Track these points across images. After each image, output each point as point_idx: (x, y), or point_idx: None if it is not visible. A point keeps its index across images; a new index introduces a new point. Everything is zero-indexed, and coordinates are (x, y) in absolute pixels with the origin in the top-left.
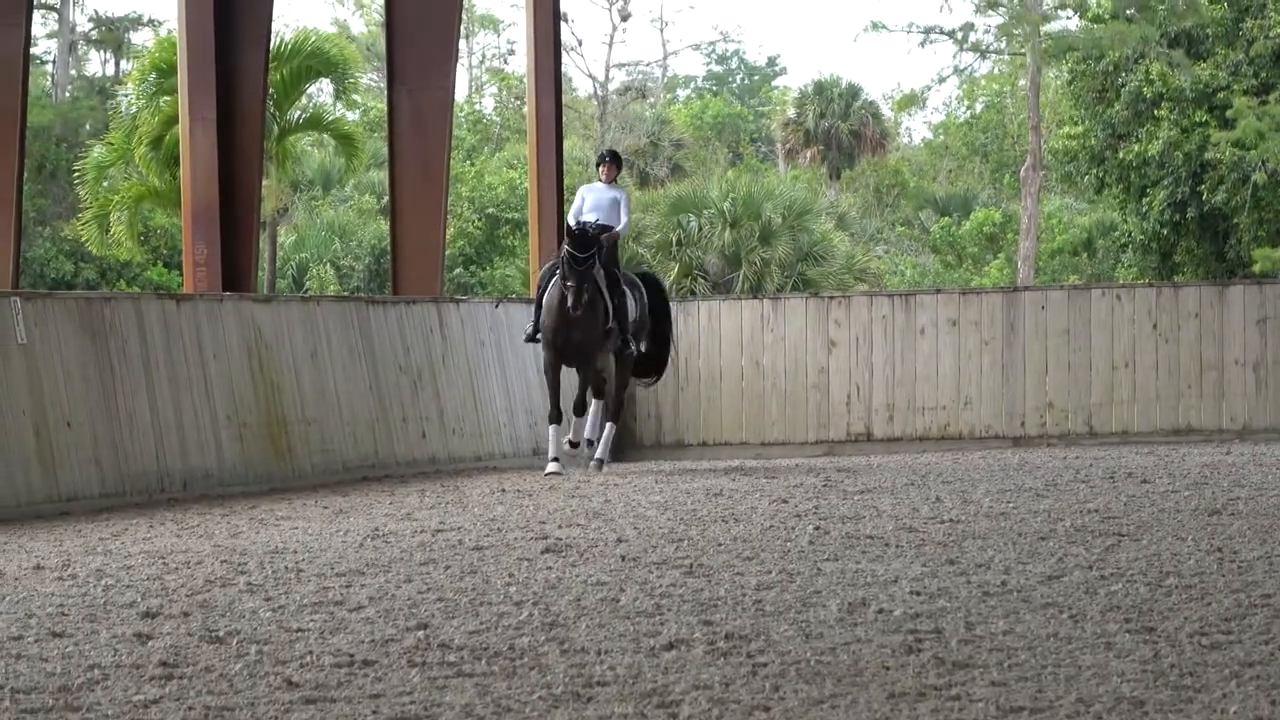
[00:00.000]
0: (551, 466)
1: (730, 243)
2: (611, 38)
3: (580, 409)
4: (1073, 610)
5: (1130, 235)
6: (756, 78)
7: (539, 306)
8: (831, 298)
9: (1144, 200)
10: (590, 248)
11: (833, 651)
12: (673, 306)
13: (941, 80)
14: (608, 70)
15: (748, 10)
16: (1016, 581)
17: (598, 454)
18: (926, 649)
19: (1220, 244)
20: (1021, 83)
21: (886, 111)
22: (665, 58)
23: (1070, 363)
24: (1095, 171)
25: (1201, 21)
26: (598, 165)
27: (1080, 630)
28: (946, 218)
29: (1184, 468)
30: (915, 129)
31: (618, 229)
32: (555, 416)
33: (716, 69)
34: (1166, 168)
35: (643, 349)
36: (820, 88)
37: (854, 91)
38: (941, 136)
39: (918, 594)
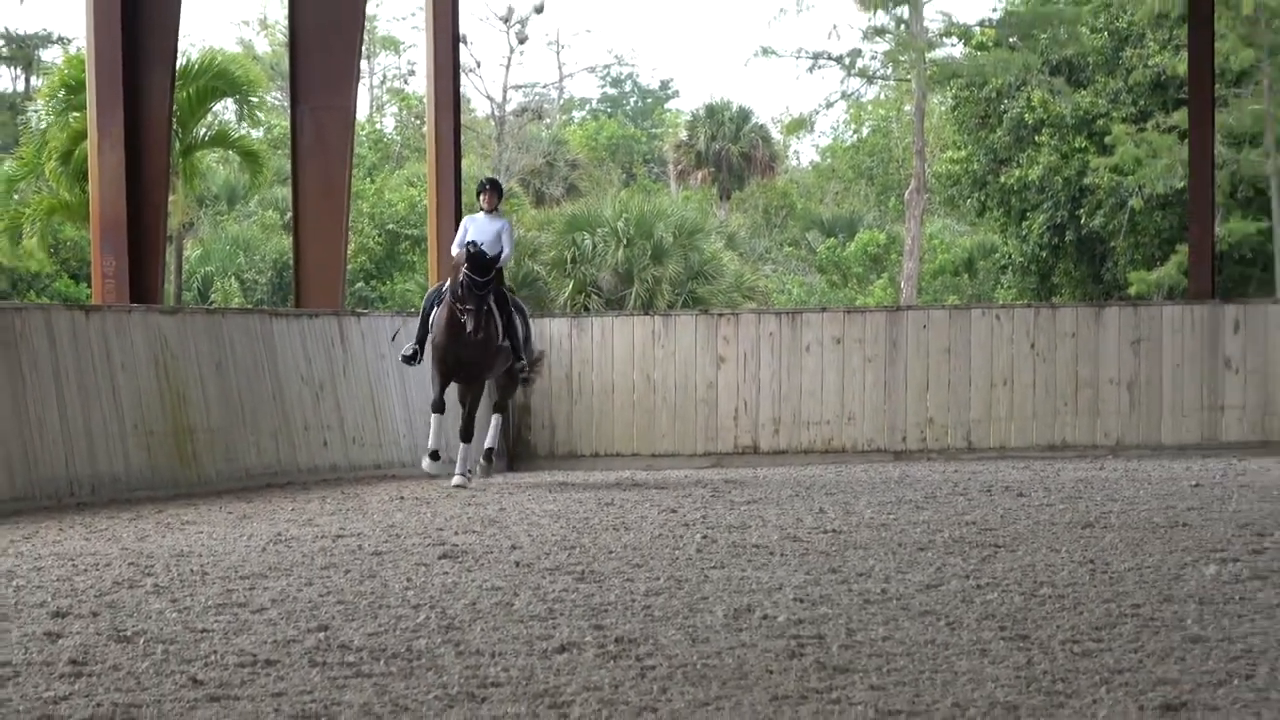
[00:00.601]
0: (427, 464)
1: (623, 261)
2: (509, 60)
3: (467, 435)
4: (950, 618)
5: (1010, 257)
6: (650, 100)
7: (424, 328)
8: (720, 315)
9: (1024, 223)
10: (489, 272)
11: (718, 655)
12: (567, 322)
13: (829, 105)
14: (505, 91)
15: (642, 35)
16: (896, 590)
17: (486, 443)
18: (809, 654)
19: (1097, 267)
20: (907, 108)
21: (776, 135)
22: (561, 80)
23: (950, 380)
24: (977, 195)
25: (1082, 50)
26: (478, 194)
27: (957, 637)
28: (832, 238)
29: (1059, 482)
30: (803, 152)
31: (501, 258)
32: (439, 406)
33: (611, 92)
34: (1046, 192)
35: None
36: (711, 111)
37: (744, 115)
38: (829, 160)
39: (801, 601)
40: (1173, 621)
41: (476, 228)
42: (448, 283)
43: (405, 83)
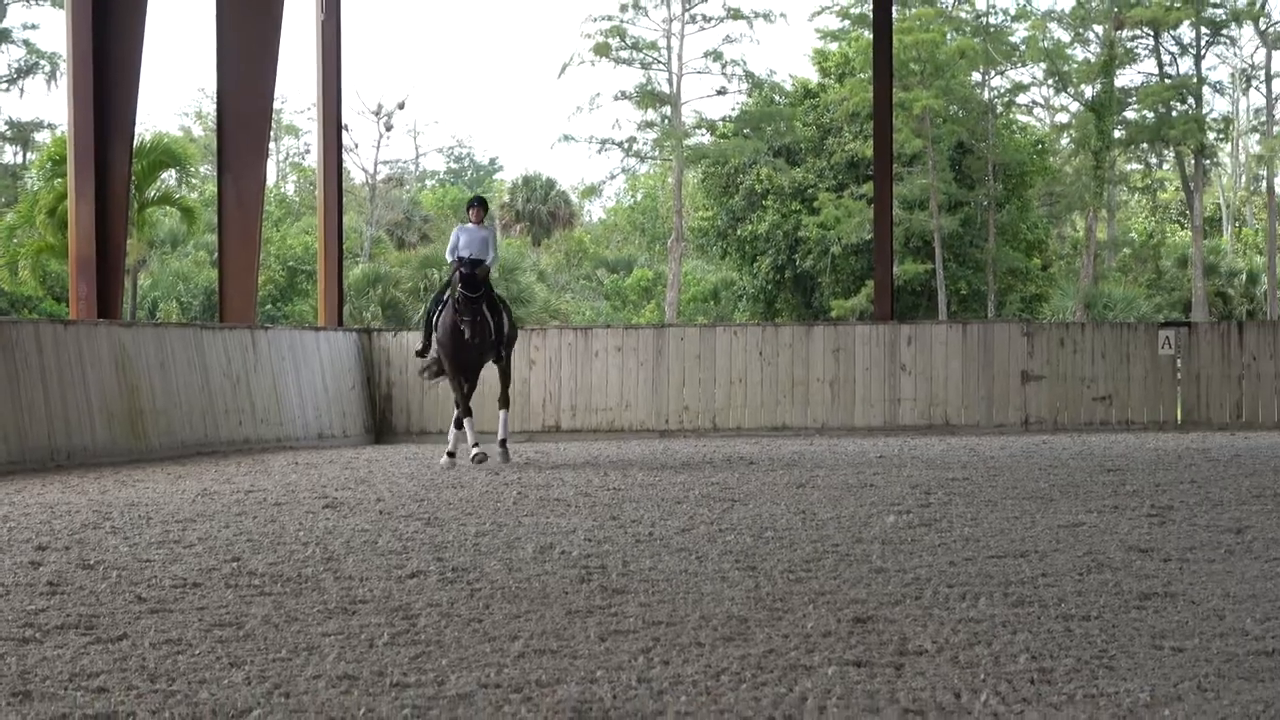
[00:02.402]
0: (445, 461)
1: None
2: (379, 142)
3: (468, 413)
4: (698, 553)
5: (744, 289)
6: (482, 172)
7: (428, 329)
8: (533, 330)
9: (754, 264)
10: (480, 288)
11: (528, 581)
12: (419, 335)
13: (613, 176)
14: (376, 165)
15: (477, 124)
16: (659, 532)
17: (500, 436)
18: (594, 580)
19: (809, 296)
20: (669, 179)
21: (574, 198)
22: (417, 157)
23: (701, 378)
24: (720, 243)
25: (797, 139)
26: (468, 209)
27: (704, 567)
28: (615, 274)
29: (780, 454)
30: (594, 211)
31: (487, 261)
32: (465, 415)
33: (454, 165)
34: (771, 241)
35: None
36: (527, 180)
37: (551, 183)
38: (612, 217)
39: (589, 540)
40: (862, 556)
41: (467, 236)
42: (448, 289)
43: (302, 158)
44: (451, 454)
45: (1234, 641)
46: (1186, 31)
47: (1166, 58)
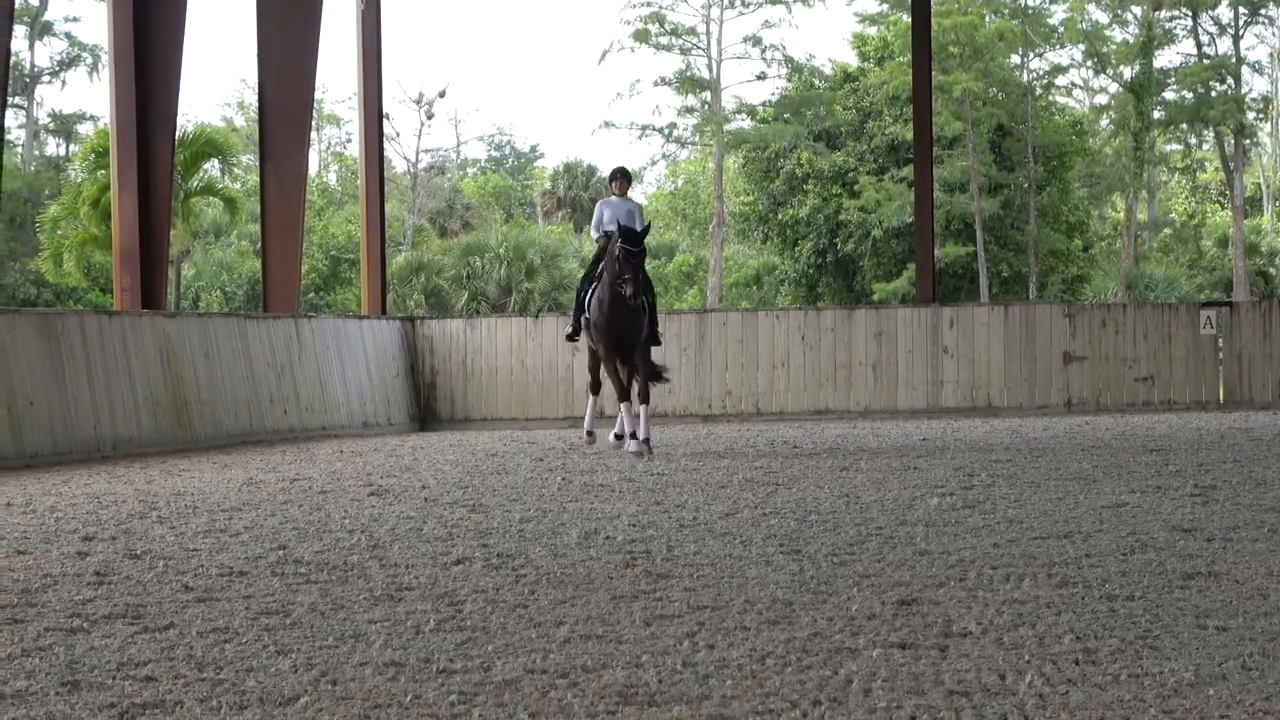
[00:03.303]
0: (584, 439)
1: (504, 277)
2: (420, 131)
3: (645, 396)
4: (742, 537)
5: (786, 273)
6: (523, 159)
7: (579, 310)
8: None
9: (796, 249)
10: (640, 241)
11: (573, 566)
12: (463, 322)
13: (654, 162)
14: (417, 154)
15: (518, 111)
16: (704, 517)
17: (642, 436)
18: (639, 565)
19: (850, 280)
20: (710, 164)
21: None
22: (459, 145)
23: (743, 363)
24: (761, 228)
25: (837, 123)
26: (611, 181)
27: (748, 551)
28: (657, 260)
29: (823, 438)
30: (635, 197)
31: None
32: (596, 388)
33: (495, 154)
34: (812, 226)
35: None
36: (568, 167)
37: (592, 170)
38: (654, 203)
39: (634, 525)
40: (906, 539)
41: (611, 210)
42: (600, 268)
43: (344, 147)
44: (620, 435)
45: (1278, 620)
46: (1225, 11)
47: (1205, 38)
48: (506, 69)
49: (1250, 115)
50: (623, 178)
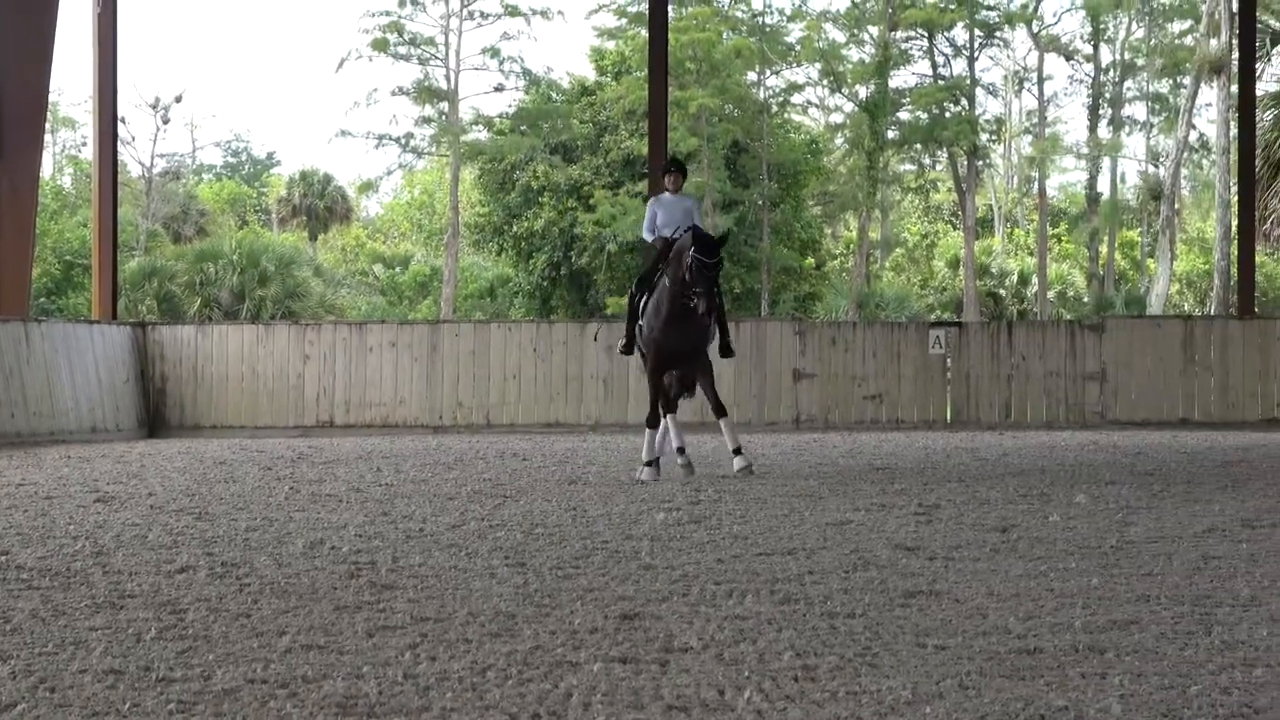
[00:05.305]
0: (646, 473)
1: (237, 284)
2: (156, 135)
3: (720, 410)
4: (468, 549)
5: (521, 285)
6: (259, 166)
7: (633, 319)
8: (307, 324)
9: (530, 261)
10: (718, 251)
11: (297, 576)
12: (194, 329)
13: (390, 172)
14: (153, 158)
15: (255, 118)
16: (430, 528)
17: (732, 447)
18: (364, 575)
19: (584, 293)
20: (446, 175)
21: (351, 193)
22: (194, 150)
23: (475, 374)
24: (496, 240)
25: (573, 136)
26: (663, 175)
27: (473, 563)
28: (391, 270)
29: (552, 450)
30: (371, 206)
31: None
32: (654, 421)
33: (231, 160)
34: (547, 238)
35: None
36: (304, 175)
37: (328, 179)
38: (389, 212)
39: (360, 536)
40: (631, 553)
41: (665, 211)
42: (659, 275)
43: (79, 151)
44: (650, 464)
45: (996, 640)
46: (960, 34)
47: (940, 59)
48: (244, 75)
49: (983, 137)
50: (677, 170)
